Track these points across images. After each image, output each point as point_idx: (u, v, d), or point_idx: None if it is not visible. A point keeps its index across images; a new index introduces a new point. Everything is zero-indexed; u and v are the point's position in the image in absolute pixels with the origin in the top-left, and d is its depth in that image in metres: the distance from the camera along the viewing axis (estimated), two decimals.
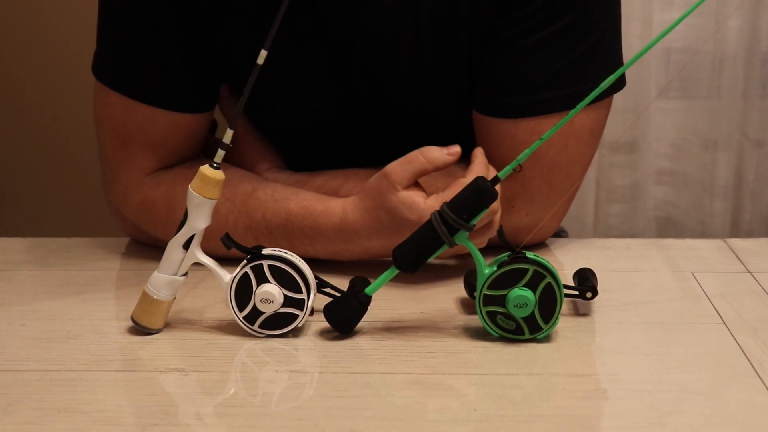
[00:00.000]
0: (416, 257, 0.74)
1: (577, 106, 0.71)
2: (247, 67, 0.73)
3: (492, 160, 0.91)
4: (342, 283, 0.79)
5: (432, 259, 0.74)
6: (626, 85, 0.99)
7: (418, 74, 0.95)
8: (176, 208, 0.91)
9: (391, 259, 0.75)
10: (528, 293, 0.74)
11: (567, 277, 0.83)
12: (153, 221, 0.94)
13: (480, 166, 0.85)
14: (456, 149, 0.83)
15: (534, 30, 0.90)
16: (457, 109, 0.96)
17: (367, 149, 0.98)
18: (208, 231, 0.76)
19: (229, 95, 1.01)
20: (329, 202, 0.89)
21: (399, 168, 0.83)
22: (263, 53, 0.71)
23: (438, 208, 0.74)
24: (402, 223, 0.82)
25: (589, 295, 0.79)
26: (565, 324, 0.78)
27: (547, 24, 0.90)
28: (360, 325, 0.77)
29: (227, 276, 0.75)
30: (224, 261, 0.77)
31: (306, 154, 1.03)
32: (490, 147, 0.92)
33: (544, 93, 0.91)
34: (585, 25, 0.91)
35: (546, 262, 0.74)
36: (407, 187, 0.83)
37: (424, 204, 0.82)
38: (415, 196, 0.82)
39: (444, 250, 0.73)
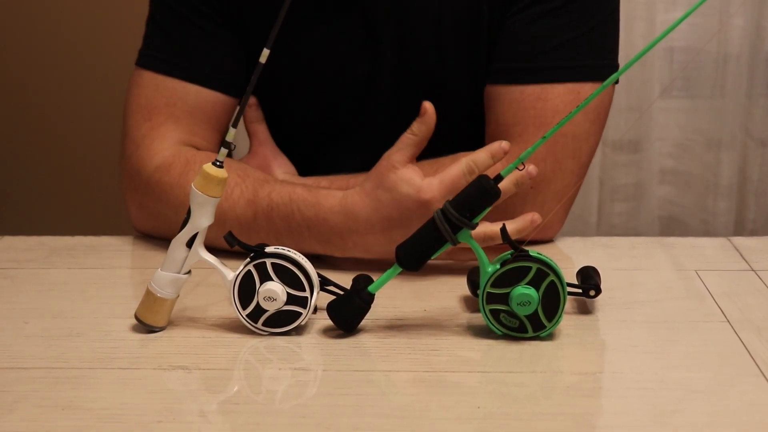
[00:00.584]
0: (419, 255, 0.74)
1: (582, 103, 0.70)
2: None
3: (497, 128, 0.94)
4: (345, 281, 0.79)
5: (435, 258, 0.74)
6: (629, 85, 1.01)
7: (440, 48, 0.99)
8: (190, 173, 0.93)
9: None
10: (531, 291, 0.74)
11: (570, 276, 0.83)
12: (165, 183, 0.94)
13: (481, 153, 0.85)
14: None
15: (548, 0, 0.93)
16: (471, 89, 0.99)
17: (382, 137, 1.00)
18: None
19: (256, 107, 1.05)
20: (333, 188, 0.91)
21: (395, 149, 0.85)
22: (266, 52, 0.71)
23: (435, 186, 0.77)
24: (401, 200, 0.83)
25: (592, 293, 0.79)
26: (568, 322, 0.78)
27: None
28: (363, 323, 0.77)
29: (230, 274, 0.76)
30: (227, 258, 0.77)
31: (322, 145, 1.06)
32: (496, 115, 0.95)
33: (551, 61, 0.94)
34: (595, 0, 0.94)
35: (549, 260, 0.74)
36: (405, 166, 0.84)
37: (422, 181, 0.83)
38: (412, 173, 0.84)
39: (447, 248, 0.73)
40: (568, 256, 0.95)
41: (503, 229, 0.76)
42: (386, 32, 1.00)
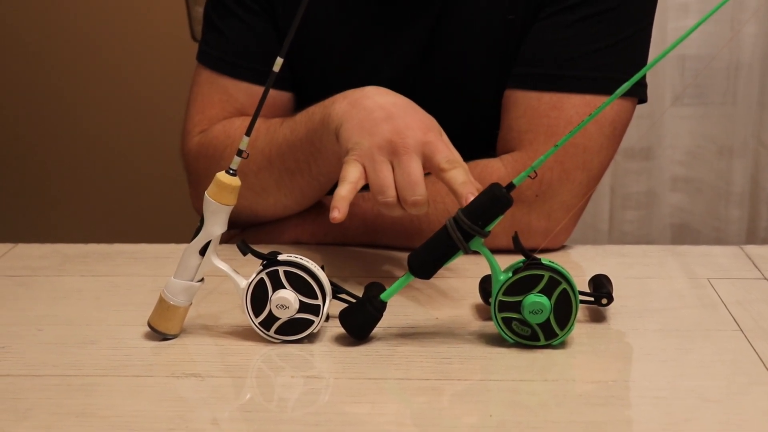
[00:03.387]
0: (431, 264, 0.74)
1: (596, 110, 0.70)
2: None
3: (510, 133, 0.94)
4: (357, 289, 0.79)
5: (447, 266, 0.74)
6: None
7: (468, 54, 1.00)
8: (230, 128, 0.98)
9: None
10: (543, 299, 0.74)
11: (582, 284, 0.83)
12: (208, 143, 0.99)
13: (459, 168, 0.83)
14: None
15: (578, 7, 0.93)
16: (496, 95, 0.99)
17: None
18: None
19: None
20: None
21: None
22: (279, 61, 0.71)
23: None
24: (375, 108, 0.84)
25: (604, 301, 0.79)
26: (580, 330, 0.78)
27: (594, 3, 0.92)
28: (375, 330, 0.77)
29: (243, 281, 0.76)
30: (240, 265, 0.77)
31: None
32: (510, 121, 0.95)
33: (572, 70, 0.93)
34: (628, 13, 0.94)
35: (561, 269, 0.74)
36: None
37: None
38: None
39: (459, 256, 0.74)
40: (580, 264, 0.95)
41: (515, 237, 0.76)
42: (414, 37, 1.00)
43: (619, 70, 0.93)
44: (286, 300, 0.75)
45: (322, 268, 0.77)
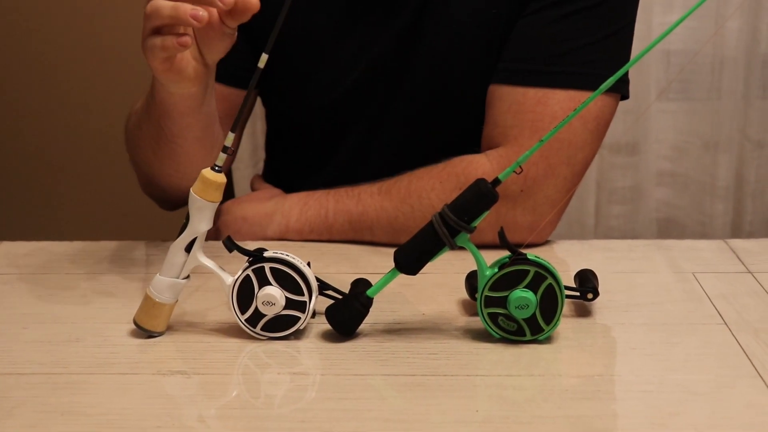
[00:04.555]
0: (417, 259, 0.74)
1: (580, 105, 0.71)
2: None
3: (495, 128, 0.94)
4: (344, 285, 0.79)
5: (433, 261, 0.74)
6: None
7: (454, 53, 1.00)
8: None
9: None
10: (529, 294, 0.74)
11: (568, 279, 0.83)
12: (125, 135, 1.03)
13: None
14: None
15: (564, 2, 0.93)
16: (482, 92, 0.99)
17: (391, 136, 1.05)
18: None
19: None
20: None
21: None
22: (264, 57, 0.71)
23: None
24: None
25: (590, 296, 0.80)
26: (566, 325, 0.78)
27: (578, 0, 0.92)
28: (362, 327, 0.77)
29: (229, 278, 0.76)
30: (227, 262, 0.77)
31: (333, 141, 1.08)
32: (495, 116, 0.95)
33: (558, 65, 0.93)
34: (612, 10, 0.95)
35: (547, 264, 0.74)
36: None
37: None
38: None
39: (445, 251, 0.74)
40: (566, 259, 0.95)
41: (501, 232, 0.76)
42: (392, 31, 1.00)
43: (603, 66, 0.94)
44: (272, 297, 0.75)
45: (308, 264, 0.77)
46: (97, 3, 1.85)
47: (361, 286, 0.78)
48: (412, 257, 0.74)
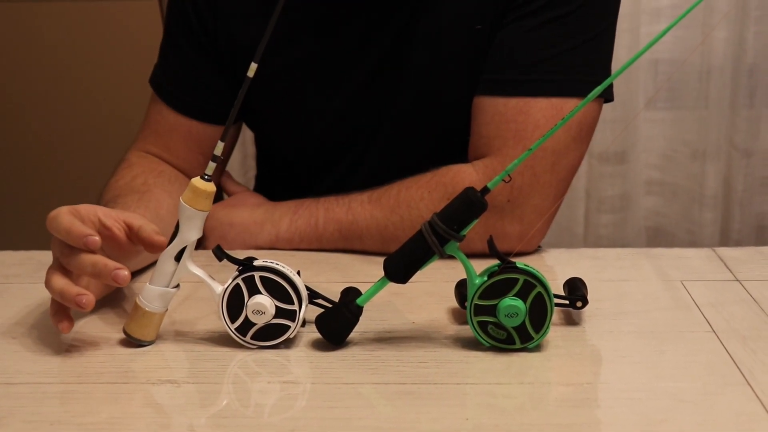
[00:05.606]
0: (407, 268, 0.74)
1: (566, 116, 0.71)
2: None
3: (479, 140, 0.95)
4: (334, 294, 0.79)
5: (423, 270, 0.74)
6: (615, 96, 1.00)
7: (438, 67, 1.00)
8: (125, 170, 1.03)
9: None
10: (519, 303, 0.74)
11: (557, 287, 0.84)
12: (113, 172, 1.04)
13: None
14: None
15: (541, 10, 0.93)
16: (467, 104, 1.00)
17: (380, 154, 1.06)
18: None
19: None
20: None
21: None
22: (253, 66, 0.71)
23: None
24: None
25: (579, 304, 0.80)
26: (555, 333, 0.79)
27: (555, 7, 0.93)
28: (352, 335, 0.77)
29: (219, 287, 0.76)
30: (216, 271, 0.77)
31: (323, 161, 1.09)
32: (479, 127, 0.96)
33: (537, 74, 0.94)
34: (591, 14, 0.95)
35: (536, 272, 0.74)
36: None
37: None
38: None
39: (435, 260, 0.74)
40: (555, 267, 0.95)
41: (490, 241, 0.76)
42: (382, 53, 1.01)
43: (583, 71, 0.94)
44: (262, 305, 0.75)
45: (298, 273, 0.77)
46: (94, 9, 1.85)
47: (351, 294, 0.78)
48: (401, 266, 0.74)
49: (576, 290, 0.81)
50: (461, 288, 0.81)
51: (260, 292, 0.75)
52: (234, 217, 1.02)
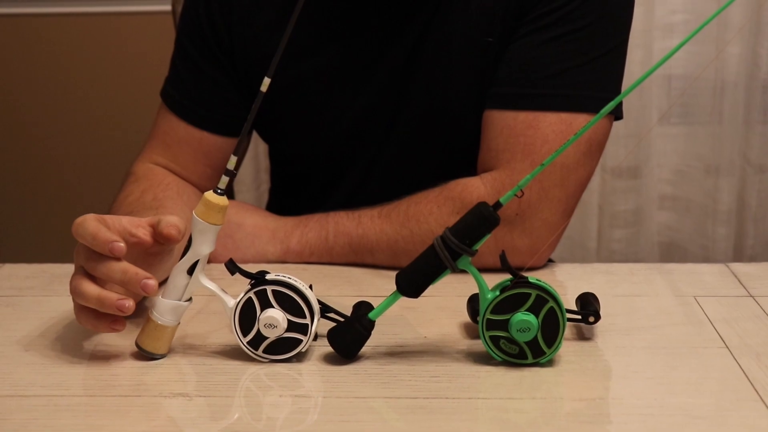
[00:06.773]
0: (419, 282, 0.74)
1: (578, 132, 0.71)
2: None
3: (488, 153, 0.95)
4: (346, 308, 0.79)
5: (435, 284, 0.74)
6: (628, 112, 1.00)
7: (448, 81, 1.00)
8: (132, 185, 1.03)
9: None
10: (531, 318, 0.74)
11: (570, 302, 0.83)
12: (120, 188, 1.04)
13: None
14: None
15: (553, 25, 0.93)
16: (477, 118, 1.00)
17: (390, 167, 1.06)
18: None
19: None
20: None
21: None
22: (266, 80, 0.71)
23: None
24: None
25: (591, 319, 0.80)
26: (568, 348, 0.78)
27: (567, 22, 0.93)
28: (364, 349, 0.77)
29: (231, 301, 0.76)
30: (229, 285, 0.77)
31: (333, 175, 1.10)
32: (488, 140, 0.96)
33: (548, 88, 0.94)
34: (603, 30, 0.94)
35: (548, 287, 0.74)
36: None
37: None
38: None
39: (447, 274, 0.74)
40: (567, 282, 0.95)
41: (502, 256, 0.76)
42: (393, 66, 1.01)
43: (593, 87, 0.94)
44: (274, 319, 0.75)
45: (310, 287, 0.77)
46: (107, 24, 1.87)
47: (363, 308, 0.78)
48: (413, 280, 0.74)
49: (588, 305, 0.81)
50: (473, 302, 0.80)
51: (272, 306, 0.75)
52: (245, 219, 1.02)
